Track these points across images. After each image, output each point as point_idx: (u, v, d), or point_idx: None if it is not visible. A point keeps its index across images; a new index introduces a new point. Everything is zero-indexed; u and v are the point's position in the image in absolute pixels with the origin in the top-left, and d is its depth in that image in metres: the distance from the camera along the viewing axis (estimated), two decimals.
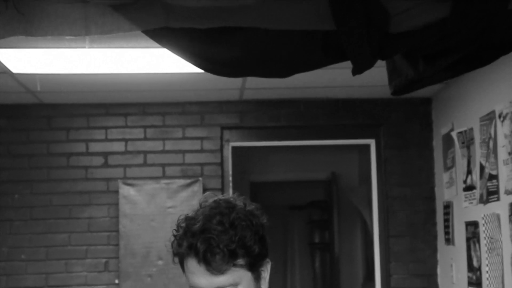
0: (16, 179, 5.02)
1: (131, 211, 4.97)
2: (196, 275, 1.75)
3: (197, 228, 1.73)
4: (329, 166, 7.23)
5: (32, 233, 5.00)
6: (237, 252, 1.73)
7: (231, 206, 1.78)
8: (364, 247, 7.17)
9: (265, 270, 1.83)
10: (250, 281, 1.78)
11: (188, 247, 1.73)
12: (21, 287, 4.95)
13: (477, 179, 4.18)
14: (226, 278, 1.74)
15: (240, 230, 1.74)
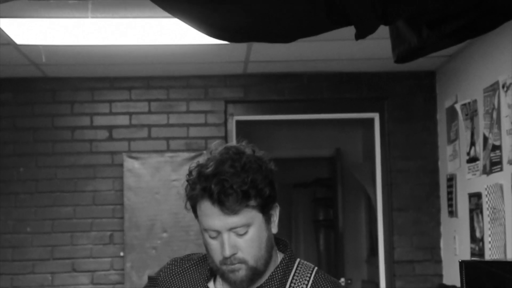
0: (21, 153, 5.05)
1: (136, 184, 4.99)
2: (211, 217, 1.79)
3: (210, 171, 1.78)
4: (333, 143, 7.23)
5: (38, 206, 5.03)
6: (249, 193, 1.78)
7: (240, 151, 1.83)
8: (368, 223, 7.19)
9: (274, 214, 1.87)
10: (261, 222, 1.83)
11: (202, 190, 1.78)
12: (27, 259, 4.99)
13: (480, 151, 4.18)
14: (239, 218, 1.78)
15: (252, 173, 1.79)
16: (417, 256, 4.99)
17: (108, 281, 5.01)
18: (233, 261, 1.81)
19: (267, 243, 1.85)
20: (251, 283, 1.85)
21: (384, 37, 2.33)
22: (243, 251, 1.81)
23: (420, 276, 4.98)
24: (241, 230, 1.80)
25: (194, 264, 1.99)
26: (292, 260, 1.93)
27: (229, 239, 1.80)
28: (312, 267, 1.94)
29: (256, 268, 1.83)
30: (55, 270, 4.99)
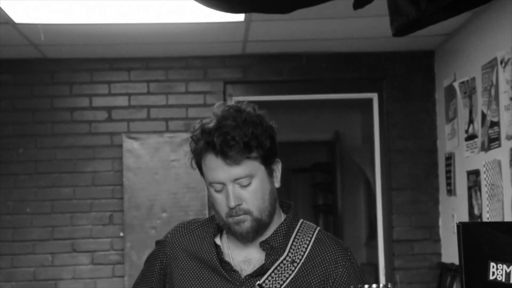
0: (20, 134, 5.06)
1: (135, 165, 5.01)
2: (215, 169, 1.85)
3: (213, 126, 1.86)
4: (332, 126, 7.25)
5: (37, 187, 5.05)
6: (251, 145, 1.84)
7: (241, 109, 1.90)
8: (367, 207, 7.22)
9: (276, 170, 1.93)
10: (264, 174, 1.89)
11: (206, 143, 1.85)
12: (27, 239, 5.00)
13: (478, 128, 4.20)
14: (242, 169, 1.84)
15: (252, 126, 1.85)
16: (415, 235, 5.01)
17: (108, 261, 5.03)
18: (238, 212, 1.87)
19: (270, 196, 1.90)
20: (256, 235, 1.91)
21: (382, 14, 2.34)
22: (247, 202, 1.87)
23: (419, 255, 5.00)
24: (244, 181, 1.86)
25: (200, 225, 2.04)
26: (295, 219, 1.99)
27: (233, 190, 1.86)
28: (315, 226, 1.99)
29: (261, 220, 1.89)
30: (55, 251, 5.01)
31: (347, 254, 1.93)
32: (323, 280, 1.88)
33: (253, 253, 1.94)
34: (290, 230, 1.94)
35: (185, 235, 2.03)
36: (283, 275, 1.88)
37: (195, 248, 1.99)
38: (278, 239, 1.93)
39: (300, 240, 1.93)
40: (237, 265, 1.94)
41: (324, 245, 1.92)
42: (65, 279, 4.99)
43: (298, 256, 1.90)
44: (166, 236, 2.07)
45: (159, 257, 2.05)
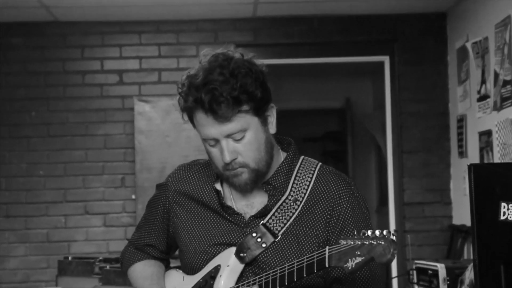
0: (33, 97, 5.08)
1: (147, 128, 5.02)
2: (206, 126, 1.81)
3: (200, 81, 1.79)
4: (343, 93, 7.23)
5: (50, 150, 5.07)
6: (240, 99, 1.78)
7: (229, 57, 1.83)
8: (378, 175, 7.22)
9: (271, 115, 1.89)
10: (257, 125, 1.85)
11: (194, 101, 1.80)
12: (40, 201, 5.04)
13: (491, 87, 4.18)
14: (234, 124, 1.80)
15: (241, 77, 1.78)
16: (426, 198, 5.01)
17: (120, 223, 5.06)
18: (235, 165, 1.84)
19: (266, 145, 1.86)
20: (255, 185, 1.89)
21: None
22: (243, 155, 1.84)
23: (430, 218, 5.00)
24: (237, 136, 1.82)
25: (201, 168, 2.02)
26: (296, 156, 1.95)
27: (227, 146, 1.82)
28: (317, 162, 1.96)
29: (258, 170, 1.86)
30: (68, 213, 5.05)
31: (350, 189, 1.90)
32: (327, 216, 1.87)
33: (255, 196, 1.93)
34: (291, 169, 1.91)
35: (186, 179, 2.01)
36: (286, 214, 1.87)
37: (196, 192, 1.98)
38: (280, 178, 1.90)
39: (302, 178, 1.90)
40: (240, 209, 1.93)
41: (326, 181, 1.89)
42: (78, 241, 5.03)
43: (300, 194, 1.88)
44: (167, 180, 2.06)
45: (161, 200, 2.05)
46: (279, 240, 1.86)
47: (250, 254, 1.85)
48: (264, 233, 1.86)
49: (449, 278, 3.30)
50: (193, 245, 1.95)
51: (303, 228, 1.87)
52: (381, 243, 1.54)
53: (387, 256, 1.53)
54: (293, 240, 1.85)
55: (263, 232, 1.86)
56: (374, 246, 1.55)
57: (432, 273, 3.43)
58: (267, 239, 1.85)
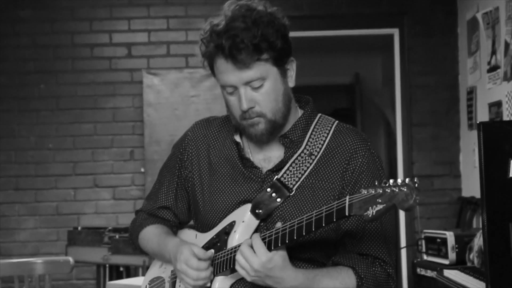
0: (41, 70, 5.09)
1: (155, 100, 5.02)
2: (225, 73, 1.82)
3: (221, 28, 1.81)
4: (352, 68, 7.20)
5: (59, 123, 5.09)
6: (261, 47, 1.79)
7: (252, 8, 1.84)
8: (387, 151, 7.20)
9: (290, 69, 1.89)
10: (276, 76, 1.85)
11: (215, 47, 1.82)
12: (49, 174, 5.06)
13: (501, 58, 4.15)
14: (253, 72, 1.81)
15: (263, 27, 1.80)
16: (436, 170, 5.00)
17: (129, 197, 5.08)
18: (252, 114, 1.85)
19: (284, 97, 1.87)
20: (271, 136, 1.89)
21: None
22: (260, 105, 1.84)
23: (439, 191, 4.99)
24: (256, 84, 1.82)
25: (220, 123, 2.03)
26: (314, 113, 1.96)
27: (245, 93, 1.83)
28: (334, 120, 1.96)
29: (275, 121, 1.86)
30: (77, 186, 5.07)
31: (366, 144, 1.90)
32: (342, 171, 1.86)
33: (272, 151, 1.93)
34: (308, 124, 1.92)
35: (205, 133, 2.02)
36: (301, 168, 1.87)
37: (216, 145, 1.98)
38: (297, 132, 1.91)
39: (318, 133, 1.90)
40: (257, 163, 1.93)
41: (343, 136, 1.90)
42: (87, 214, 5.05)
43: (316, 149, 1.88)
44: (186, 134, 2.06)
45: (178, 159, 2.04)
46: (294, 195, 1.85)
47: (265, 209, 1.85)
48: (278, 187, 1.86)
49: (457, 246, 3.30)
50: (209, 202, 1.94)
51: (319, 182, 1.86)
52: (403, 190, 1.53)
53: (409, 202, 1.53)
54: (308, 194, 1.85)
55: (277, 187, 1.86)
56: (396, 193, 1.54)
57: (440, 241, 3.43)
58: (282, 193, 1.85)
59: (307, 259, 1.87)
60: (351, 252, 1.86)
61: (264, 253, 1.72)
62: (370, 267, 1.84)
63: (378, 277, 1.85)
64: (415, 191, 1.53)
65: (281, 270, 1.74)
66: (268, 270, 1.73)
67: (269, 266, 1.73)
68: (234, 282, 1.87)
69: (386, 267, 1.87)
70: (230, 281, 1.87)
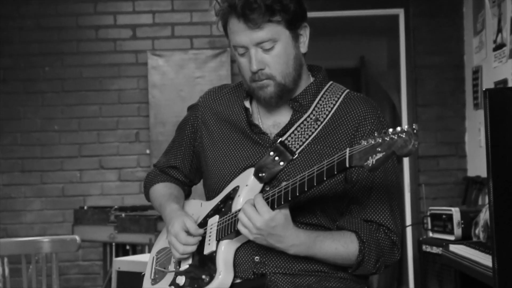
0: (46, 52, 5.09)
1: (160, 82, 5.02)
2: (238, 33, 1.84)
3: None
4: (358, 51, 7.18)
5: (64, 105, 5.09)
6: (273, 8, 1.80)
7: None
8: None
9: (303, 35, 1.90)
10: (288, 39, 1.85)
11: (228, 6, 1.83)
12: (55, 156, 5.08)
13: (507, 36, 4.13)
14: (264, 33, 1.82)
15: None
16: (441, 151, 4.99)
17: (135, 178, 5.09)
18: (261, 76, 1.86)
19: (295, 61, 1.87)
20: (280, 100, 1.89)
21: None
22: (270, 67, 1.85)
23: (445, 171, 4.99)
24: (267, 45, 1.83)
25: (231, 89, 2.05)
26: (325, 80, 1.96)
27: (256, 54, 1.84)
28: (345, 88, 1.96)
29: (285, 85, 1.87)
30: (83, 167, 5.08)
31: (376, 113, 1.90)
32: (351, 138, 1.86)
33: (282, 116, 1.93)
34: (318, 90, 1.92)
35: (216, 99, 2.04)
36: (305, 133, 1.87)
37: (226, 111, 2.00)
38: (307, 97, 1.91)
39: (327, 100, 1.90)
40: (266, 128, 1.93)
41: (352, 104, 1.90)
42: (93, 195, 5.07)
43: (322, 115, 1.88)
44: (198, 100, 2.09)
45: (190, 121, 2.07)
46: (297, 158, 1.86)
47: (269, 173, 1.85)
48: (281, 151, 1.86)
49: (463, 222, 3.30)
50: (217, 167, 1.95)
51: (325, 147, 1.86)
52: (402, 136, 1.53)
53: (408, 147, 1.52)
54: (313, 158, 1.85)
55: (280, 150, 1.86)
56: (395, 141, 1.53)
57: (446, 217, 3.43)
58: (285, 157, 1.85)
59: (314, 224, 1.87)
60: (356, 218, 1.86)
61: (266, 211, 1.73)
62: (374, 233, 1.84)
63: (381, 244, 1.85)
64: (413, 136, 1.52)
65: (283, 228, 1.75)
66: (270, 228, 1.74)
67: (272, 224, 1.74)
68: (240, 246, 1.88)
69: (390, 234, 1.87)
70: (235, 245, 1.88)
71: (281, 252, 1.81)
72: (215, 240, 1.88)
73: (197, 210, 2.00)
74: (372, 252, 1.83)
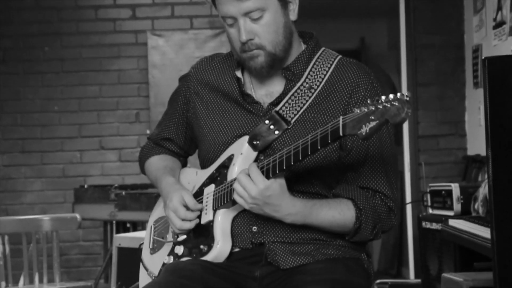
0: (46, 32, 5.08)
1: (160, 62, 5.02)
2: (225, 3, 1.83)
3: None
4: (358, 33, 7.17)
5: (64, 85, 5.09)
6: None
7: None
8: None
9: (293, 2, 1.89)
10: (277, 8, 1.84)
11: None
12: (55, 137, 5.08)
13: (507, 13, 4.12)
14: (252, 2, 1.81)
15: None
16: (441, 130, 4.99)
17: (135, 158, 5.04)
18: (251, 46, 1.85)
19: (284, 29, 1.86)
20: (271, 70, 1.88)
21: None
22: (259, 36, 1.84)
23: (444, 150, 4.99)
24: (255, 15, 1.82)
25: (223, 59, 2.03)
26: (317, 46, 1.95)
27: (244, 24, 1.83)
28: (337, 54, 1.95)
29: (275, 54, 1.86)
30: (83, 148, 5.09)
31: (369, 78, 1.89)
32: (344, 105, 1.86)
33: (275, 85, 1.92)
34: (311, 57, 1.91)
35: (208, 69, 2.02)
36: (300, 102, 1.87)
37: (217, 81, 1.98)
38: (299, 65, 1.90)
39: (320, 67, 1.89)
40: (259, 98, 1.93)
41: (345, 70, 1.88)
42: (94, 176, 5.07)
43: (316, 83, 1.87)
44: (190, 70, 2.07)
45: (182, 92, 2.06)
46: (292, 127, 1.85)
47: (263, 141, 1.85)
48: (277, 120, 1.85)
49: (462, 197, 3.31)
50: (210, 136, 1.95)
51: (319, 115, 1.86)
52: (395, 104, 1.53)
53: (401, 115, 1.52)
54: (308, 127, 1.84)
55: (276, 119, 1.86)
56: (388, 109, 1.53)
57: (445, 193, 3.43)
58: (280, 126, 1.85)
59: (311, 192, 1.87)
60: (352, 185, 1.87)
61: (261, 181, 1.73)
62: (370, 200, 1.85)
63: (378, 210, 1.85)
64: (406, 104, 1.53)
65: (278, 197, 1.75)
66: (265, 197, 1.74)
67: (267, 193, 1.74)
68: (237, 217, 1.88)
69: (386, 200, 1.87)
70: (232, 214, 1.88)
71: (278, 222, 1.82)
72: (212, 209, 1.88)
73: (192, 178, 2.00)
74: (369, 219, 1.83)
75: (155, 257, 2.05)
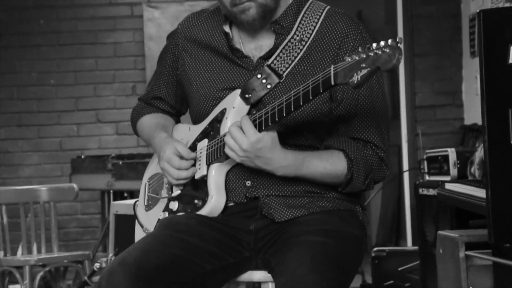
0: (41, 5, 5.07)
1: (156, 34, 5.00)
2: None
3: None
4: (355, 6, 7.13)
5: (60, 59, 5.08)
6: None
7: None
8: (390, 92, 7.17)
9: None
10: None
11: None
12: (52, 110, 5.08)
13: None
14: None
15: None
16: (438, 100, 4.99)
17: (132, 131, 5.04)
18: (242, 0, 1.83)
19: None
20: (263, 21, 1.87)
21: None
22: None
23: (442, 121, 4.99)
24: None
25: (210, 14, 2.01)
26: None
27: None
28: (326, 5, 1.93)
29: (266, 5, 1.85)
30: (80, 121, 5.08)
31: (358, 28, 1.88)
32: (333, 56, 1.85)
33: (264, 39, 1.91)
34: (299, 9, 1.90)
35: (196, 25, 2.00)
36: (291, 55, 1.86)
37: (205, 37, 1.97)
38: (288, 18, 1.89)
39: (309, 19, 1.88)
40: (248, 52, 1.92)
41: (334, 20, 1.87)
42: (91, 149, 5.07)
43: (306, 35, 1.86)
44: (177, 27, 2.05)
45: (170, 50, 2.05)
46: (284, 81, 1.85)
47: (255, 95, 1.84)
48: (268, 74, 1.85)
49: (459, 162, 3.30)
50: (201, 91, 1.94)
51: (310, 67, 1.85)
52: (386, 51, 1.52)
53: (393, 62, 1.52)
54: (299, 80, 1.83)
55: (267, 73, 1.85)
56: (379, 56, 1.53)
57: (442, 159, 3.43)
58: (272, 80, 1.84)
59: (304, 145, 1.87)
60: (343, 136, 1.87)
61: (253, 133, 1.73)
62: (361, 150, 1.85)
63: (369, 160, 1.85)
64: (397, 50, 1.52)
65: (270, 150, 1.75)
66: (257, 150, 1.74)
67: (258, 146, 1.74)
68: (230, 172, 1.88)
69: (378, 150, 1.87)
70: (226, 168, 1.88)
71: (272, 176, 1.82)
72: (205, 164, 1.88)
73: (185, 134, 2.00)
74: (360, 169, 1.83)
75: (150, 214, 2.05)
